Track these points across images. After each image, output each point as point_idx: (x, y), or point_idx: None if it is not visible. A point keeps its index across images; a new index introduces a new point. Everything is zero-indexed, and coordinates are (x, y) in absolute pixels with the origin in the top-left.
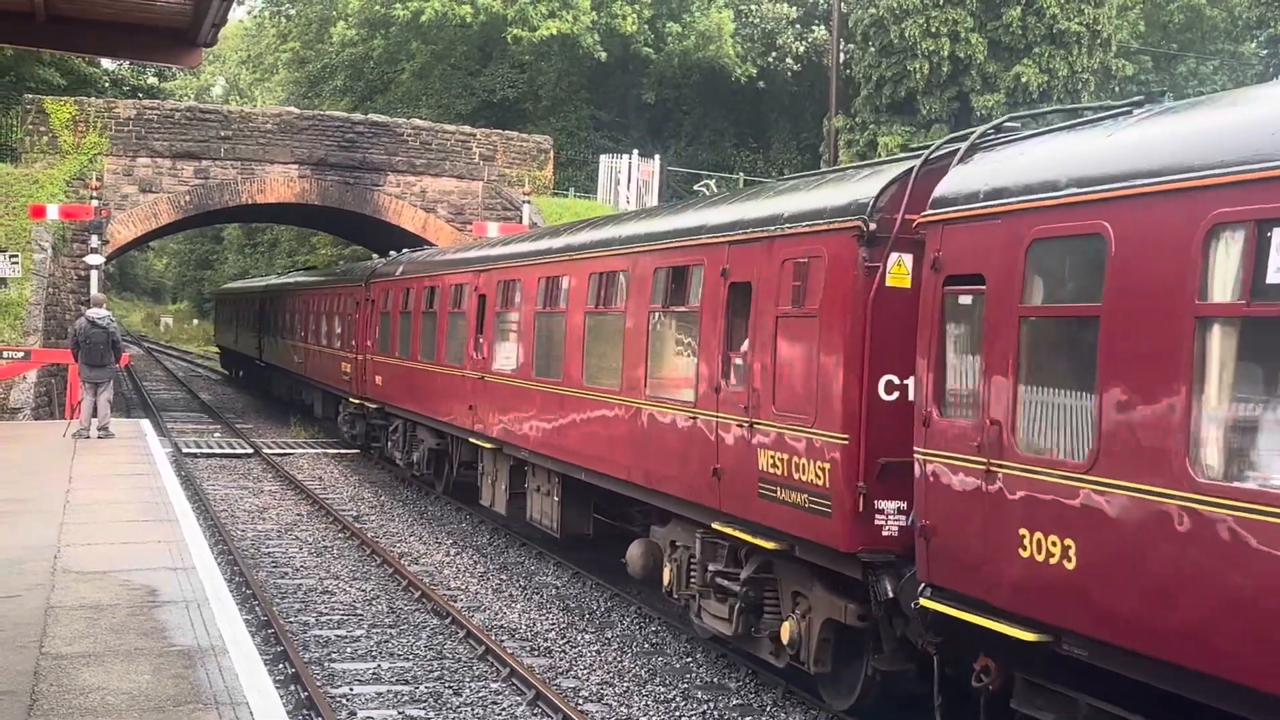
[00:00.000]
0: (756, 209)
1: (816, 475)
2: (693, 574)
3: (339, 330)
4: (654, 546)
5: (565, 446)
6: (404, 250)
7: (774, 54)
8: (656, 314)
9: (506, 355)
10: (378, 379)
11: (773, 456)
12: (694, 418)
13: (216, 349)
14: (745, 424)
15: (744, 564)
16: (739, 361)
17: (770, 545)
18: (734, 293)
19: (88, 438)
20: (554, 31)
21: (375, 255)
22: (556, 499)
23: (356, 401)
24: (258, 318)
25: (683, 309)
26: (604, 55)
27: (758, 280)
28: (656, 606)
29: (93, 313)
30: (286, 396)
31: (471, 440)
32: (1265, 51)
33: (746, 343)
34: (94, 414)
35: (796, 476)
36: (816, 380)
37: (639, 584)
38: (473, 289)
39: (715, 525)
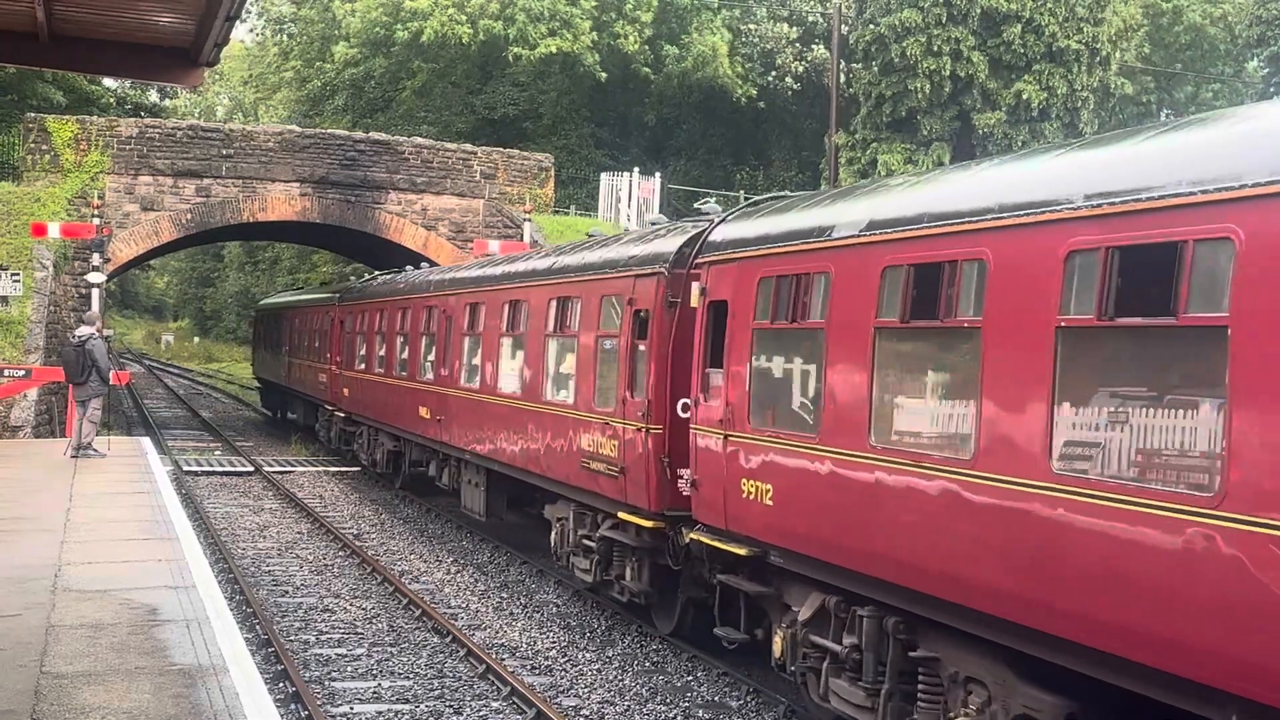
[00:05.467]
0: None
1: None
2: None
3: (601, 371)
4: None
5: None
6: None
7: (773, 74)
8: None
9: None
10: (762, 489)
11: None
12: None
13: (255, 380)
14: None
15: None
16: None
17: None
18: None
19: (77, 456)
20: (553, 50)
21: (376, 272)
22: None
23: (646, 524)
24: (329, 343)
25: None
26: (603, 75)
27: None
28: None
29: (78, 330)
30: (385, 466)
31: None
32: (1266, 70)
33: None
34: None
35: None
36: None
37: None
38: None
39: None
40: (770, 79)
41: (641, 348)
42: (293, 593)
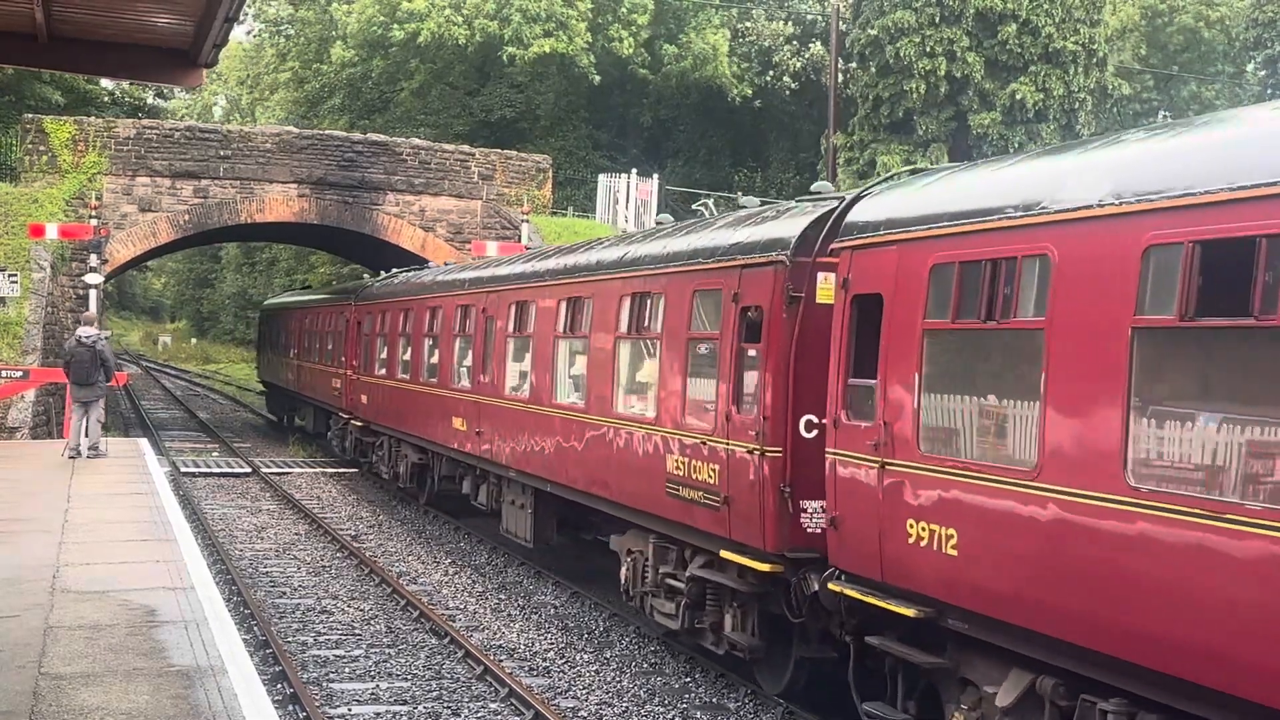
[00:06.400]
0: None
1: None
2: None
3: (694, 381)
4: None
5: None
6: None
7: (771, 72)
8: None
9: None
10: (941, 534)
11: None
12: None
13: (260, 384)
14: None
15: None
16: None
17: None
18: None
19: (75, 457)
20: (548, 49)
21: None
22: None
23: (761, 567)
24: (344, 346)
25: None
26: (597, 78)
27: None
28: (655, 625)
29: (82, 331)
30: (408, 480)
31: None
32: (1264, 72)
33: None
34: (85, 433)
35: None
36: None
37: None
38: None
39: None
40: (768, 78)
41: (751, 353)
42: (291, 594)
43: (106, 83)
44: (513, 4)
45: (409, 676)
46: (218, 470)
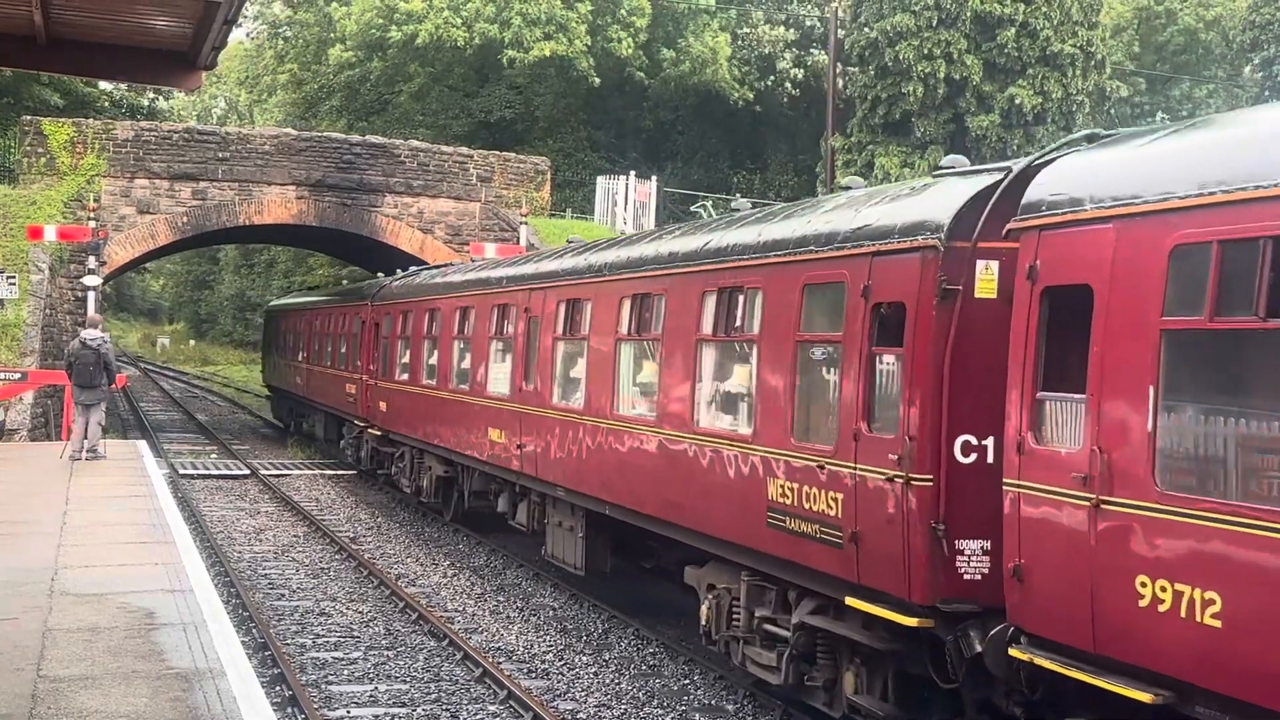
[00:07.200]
0: None
1: None
2: None
3: (805, 391)
4: None
5: None
6: None
7: (772, 77)
8: None
9: None
10: (1192, 598)
11: None
12: None
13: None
14: None
15: None
16: None
17: None
18: None
19: (76, 459)
20: (548, 53)
21: (379, 274)
22: None
23: (907, 621)
24: (360, 349)
25: None
26: (596, 81)
27: None
28: (653, 628)
29: (85, 333)
30: (433, 495)
31: None
32: (1260, 74)
33: None
34: (84, 434)
35: None
36: None
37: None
38: None
39: None
40: (770, 82)
41: (889, 359)
42: (289, 596)
43: (105, 85)
44: (513, 7)
45: (408, 678)
46: (216, 472)
